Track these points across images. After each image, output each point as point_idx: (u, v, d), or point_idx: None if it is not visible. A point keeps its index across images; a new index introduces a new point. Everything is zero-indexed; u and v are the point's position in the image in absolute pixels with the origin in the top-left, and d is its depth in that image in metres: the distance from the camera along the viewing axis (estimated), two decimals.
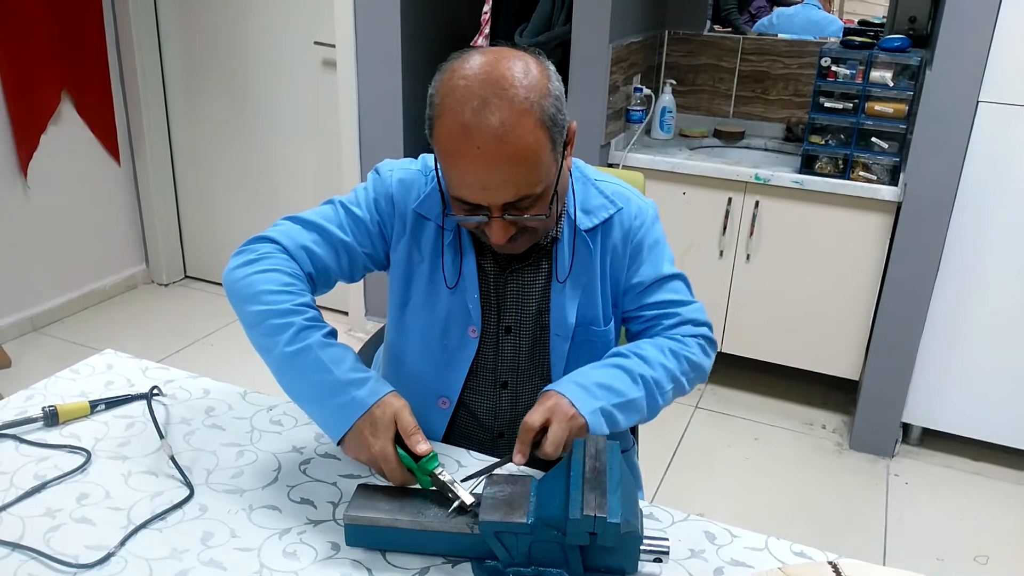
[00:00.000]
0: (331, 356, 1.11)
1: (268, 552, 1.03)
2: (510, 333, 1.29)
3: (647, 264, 1.30)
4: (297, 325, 1.12)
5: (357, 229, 1.26)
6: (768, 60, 3.09)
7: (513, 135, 1.03)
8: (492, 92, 1.03)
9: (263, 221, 3.65)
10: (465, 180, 1.07)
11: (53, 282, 3.36)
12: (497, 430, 1.34)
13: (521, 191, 1.07)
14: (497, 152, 1.04)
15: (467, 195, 1.09)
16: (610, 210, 1.28)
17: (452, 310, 1.27)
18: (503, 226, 1.11)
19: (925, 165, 2.40)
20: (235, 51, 3.34)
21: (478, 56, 1.08)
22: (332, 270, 1.25)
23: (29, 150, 3.13)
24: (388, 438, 1.06)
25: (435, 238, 1.25)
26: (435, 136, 1.09)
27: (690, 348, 1.28)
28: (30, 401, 1.33)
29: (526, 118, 1.04)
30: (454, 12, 3.22)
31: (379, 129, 3.07)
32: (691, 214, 2.81)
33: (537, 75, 1.07)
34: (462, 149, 1.05)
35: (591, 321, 1.29)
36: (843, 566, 0.97)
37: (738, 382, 3.08)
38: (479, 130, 1.03)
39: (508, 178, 1.06)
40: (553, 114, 1.07)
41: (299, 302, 1.15)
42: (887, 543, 2.32)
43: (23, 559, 1.00)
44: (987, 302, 2.47)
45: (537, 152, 1.06)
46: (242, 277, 1.18)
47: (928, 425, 2.68)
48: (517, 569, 1.00)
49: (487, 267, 1.27)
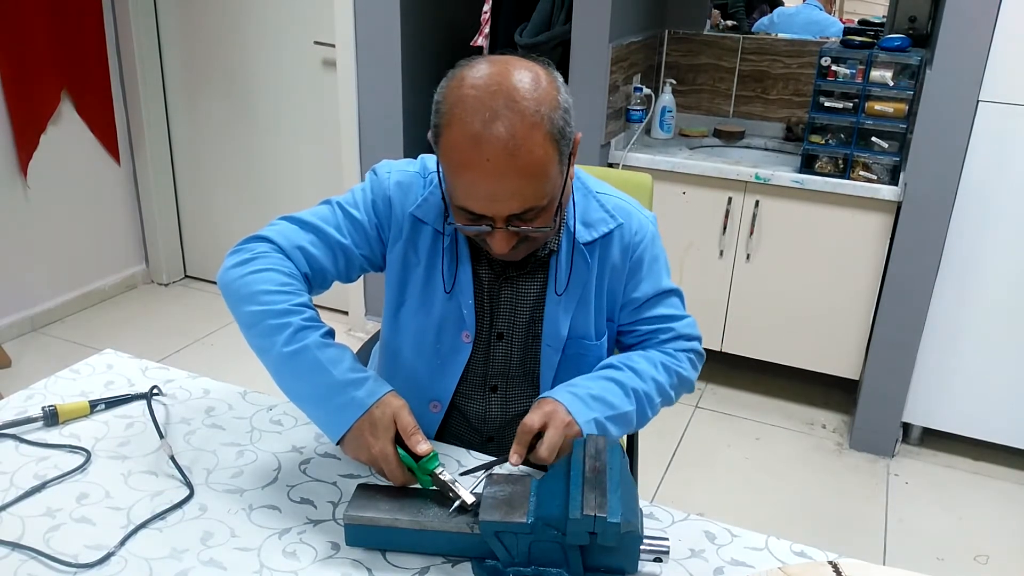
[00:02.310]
0: (329, 356, 1.10)
1: (268, 552, 1.03)
2: (502, 339, 1.29)
3: (646, 281, 1.30)
4: (295, 325, 1.11)
5: (355, 231, 1.25)
6: (768, 60, 3.09)
7: (524, 149, 1.02)
8: (503, 104, 1.02)
9: (263, 220, 3.63)
10: (472, 192, 1.06)
11: (53, 282, 3.36)
12: (487, 434, 1.34)
13: (527, 203, 1.06)
14: (507, 165, 1.02)
15: (473, 206, 1.07)
16: (610, 224, 1.27)
17: (446, 314, 1.26)
18: (506, 237, 1.10)
19: (925, 165, 2.40)
20: (235, 51, 3.34)
21: (487, 65, 1.06)
22: (328, 271, 1.25)
23: (29, 150, 3.13)
24: (388, 438, 1.06)
25: (432, 242, 1.25)
26: (442, 145, 1.07)
27: (681, 363, 1.30)
28: (30, 401, 1.33)
29: (536, 132, 1.03)
30: (454, 12, 3.22)
31: (379, 129, 3.07)
32: (691, 214, 2.81)
33: (547, 87, 1.06)
34: (471, 161, 1.03)
35: (583, 335, 1.28)
36: (843, 566, 0.97)
37: (738, 382, 3.08)
38: (489, 143, 1.01)
39: (516, 191, 1.05)
40: (562, 127, 1.06)
41: (296, 302, 1.14)
42: (887, 543, 2.32)
43: (23, 559, 1.00)
44: (987, 302, 2.47)
45: (546, 166, 1.05)
46: (238, 277, 1.17)
47: (928, 425, 2.68)
48: (517, 569, 1.00)
49: (483, 274, 1.27)
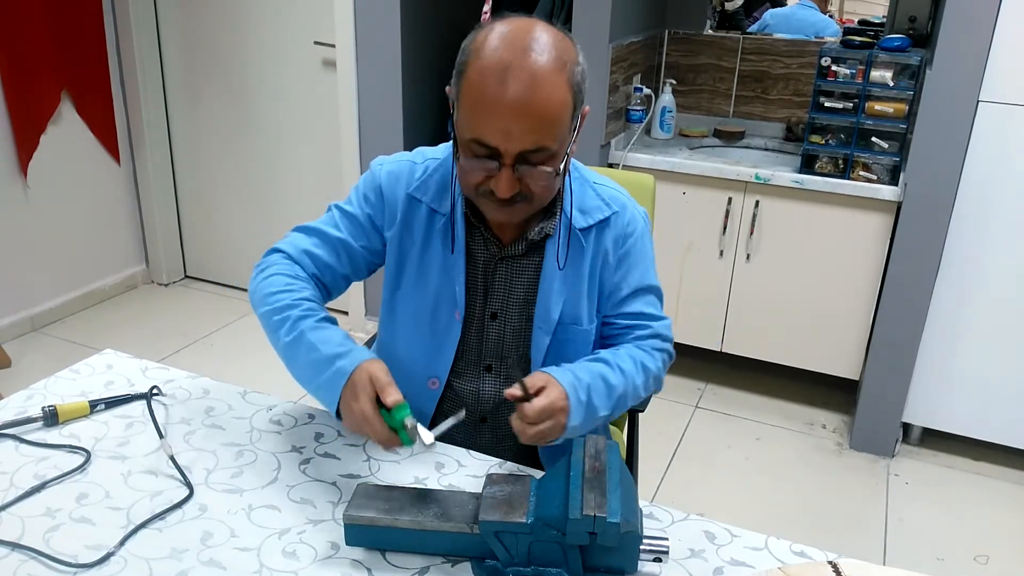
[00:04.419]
0: (321, 336, 1.18)
1: (268, 552, 1.03)
2: (496, 319, 1.32)
3: (632, 274, 1.33)
4: (294, 317, 1.20)
5: (351, 225, 1.32)
6: (768, 60, 3.09)
7: (546, 86, 1.07)
8: (531, 45, 1.07)
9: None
10: (491, 121, 1.08)
11: (53, 282, 3.36)
12: (480, 413, 1.37)
13: (540, 142, 1.09)
14: (528, 99, 1.06)
15: (489, 137, 1.09)
16: (605, 212, 1.30)
17: (441, 292, 1.30)
18: (511, 179, 1.12)
19: (925, 165, 2.40)
20: (235, 51, 3.34)
21: (515, 20, 1.11)
22: (335, 268, 1.32)
23: (29, 150, 3.13)
24: (367, 397, 1.09)
25: (427, 221, 1.29)
26: (467, 76, 1.10)
27: (656, 362, 1.33)
28: (30, 401, 1.33)
29: (559, 76, 1.08)
30: (454, 12, 3.22)
31: (379, 129, 3.07)
32: (691, 214, 2.81)
33: (570, 46, 1.13)
34: (495, 91, 1.06)
35: (575, 320, 1.31)
36: (843, 566, 0.97)
37: (738, 382, 3.08)
38: (515, 76, 1.06)
39: (533, 127, 1.08)
40: (579, 83, 1.12)
41: (297, 297, 1.23)
42: (887, 543, 2.32)
43: (23, 559, 1.00)
44: (987, 302, 2.47)
45: (562, 110, 1.10)
46: (254, 287, 1.29)
47: (928, 425, 2.68)
48: (517, 569, 1.00)
49: (478, 253, 1.29)
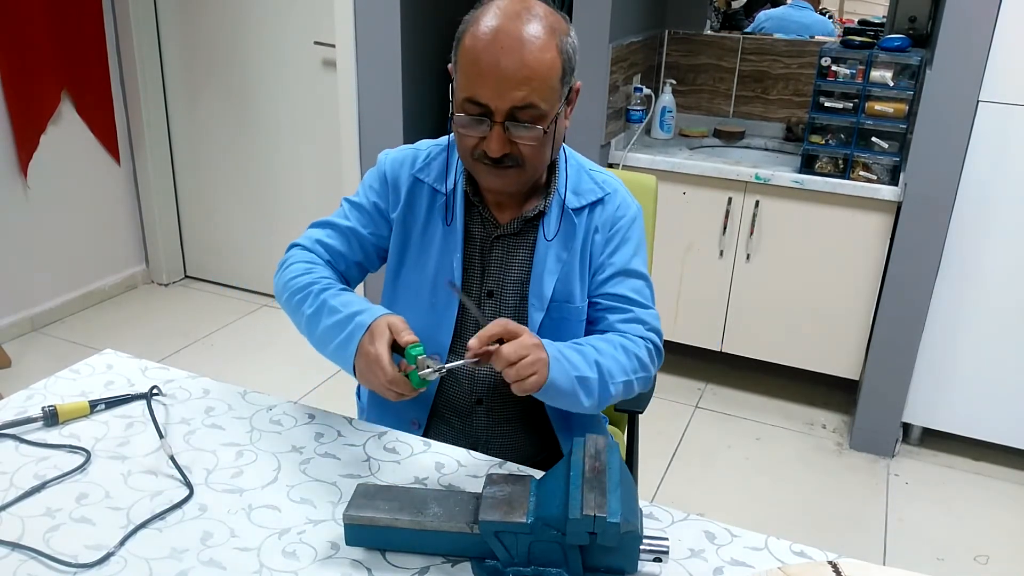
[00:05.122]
0: (342, 300, 1.25)
1: (268, 552, 1.03)
2: (492, 297, 1.36)
3: (618, 255, 1.35)
4: (315, 291, 1.28)
5: (359, 213, 1.40)
6: (768, 60, 3.09)
7: (537, 45, 1.15)
8: (523, 14, 1.17)
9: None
10: (481, 79, 1.16)
11: (53, 282, 3.36)
12: (476, 395, 1.38)
13: (530, 98, 1.16)
14: (519, 56, 1.14)
15: (479, 94, 1.16)
16: (599, 194, 1.35)
17: (440, 268, 1.35)
18: (501, 137, 1.18)
19: (925, 165, 2.40)
20: (235, 51, 3.34)
21: None
22: (346, 255, 1.39)
23: (29, 150, 3.13)
24: (383, 342, 1.14)
25: (429, 200, 1.35)
26: (462, 44, 1.19)
27: (638, 348, 1.30)
28: (30, 401, 1.33)
29: (551, 39, 1.17)
30: (454, 12, 3.19)
31: (379, 129, 3.07)
32: (691, 214, 2.81)
33: (561, 19, 1.21)
34: (487, 49, 1.15)
35: (567, 297, 1.33)
36: (843, 566, 0.97)
37: (738, 382, 3.08)
38: (508, 33, 1.15)
39: (523, 81, 1.15)
40: (571, 54, 1.20)
41: (315, 276, 1.31)
42: (887, 543, 2.32)
43: (23, 559, 1.00)
44: (987, 302, 2.47)
45: (550, 72, 1.17)
46: (277, 281, 1.37)
47: (928, 425, 2.68)
48: (517, 569, 1.00)
49: (475, 231, 1.34)
